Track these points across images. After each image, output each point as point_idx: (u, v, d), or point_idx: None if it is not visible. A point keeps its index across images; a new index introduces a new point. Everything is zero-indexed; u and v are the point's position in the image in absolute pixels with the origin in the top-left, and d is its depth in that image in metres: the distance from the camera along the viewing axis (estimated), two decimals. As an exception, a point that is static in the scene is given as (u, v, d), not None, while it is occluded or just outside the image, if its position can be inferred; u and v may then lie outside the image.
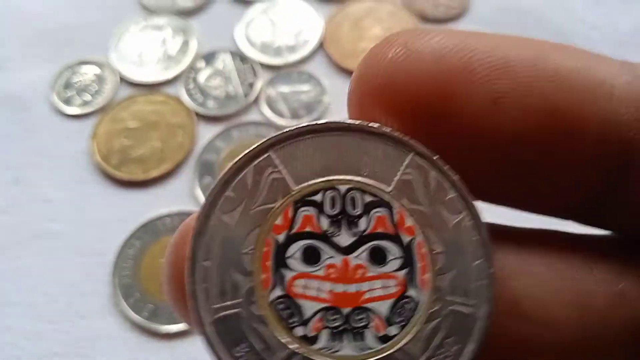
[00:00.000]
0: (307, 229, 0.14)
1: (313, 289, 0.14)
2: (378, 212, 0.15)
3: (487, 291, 0.14)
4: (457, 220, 0.14)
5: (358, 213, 0.15)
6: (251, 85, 0.46)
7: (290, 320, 0.14)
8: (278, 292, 0.14)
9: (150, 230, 0.40)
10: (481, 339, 0.14)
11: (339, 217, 0.14)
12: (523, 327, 0.15)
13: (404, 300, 0.14)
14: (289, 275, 0.14)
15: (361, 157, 0.15)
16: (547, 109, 0.15)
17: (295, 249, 0.14)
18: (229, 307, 0.14)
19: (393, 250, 0.14)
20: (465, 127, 0.15)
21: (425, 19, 0.49)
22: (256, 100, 0.45)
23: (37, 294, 0.38)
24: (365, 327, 0.14)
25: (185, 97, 0.46)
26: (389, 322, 0.14)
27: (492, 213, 0.16)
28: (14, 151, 0.44)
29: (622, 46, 0.47)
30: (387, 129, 0.15)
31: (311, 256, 0.14)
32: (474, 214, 0.14)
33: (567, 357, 0.15)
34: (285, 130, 0.15)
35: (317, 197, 0.15)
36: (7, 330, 0.37)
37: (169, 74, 0.47)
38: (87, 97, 0.46)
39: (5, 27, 0.51)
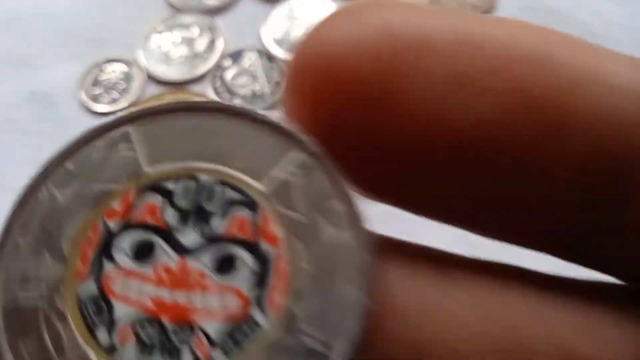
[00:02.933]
0: (147, 220, 0.12)
1: (134, 291, 0.11)
2: (240, 212, 0.12)
3: (353, 329, 0.11)
4: (337, 234, 0.12)
5: (215, 210, 0.12)
6: (278, 84, 0.46)
7: (96, 323, 0.11)
8: (91, 287, 0.12)
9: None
10: None
11: (190, 212, 0.12)
12: None
13: (243, 324, 0.11)
14: (110, 269, 0.12)
15: (237, 146, 0.12)
16: (521, 96, 0.11)
17: (127, 240, 0.12)
18: (28, 292, 0.12)
19: (246, 261, 0.12)
20: (415, 114, 0.11)
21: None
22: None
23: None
24: (184, 347, 0.11)
25: (212, 95, 0.46)
26: (216, 347, 0.11)
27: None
28: (43, 148, 0.44)
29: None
30: (276, 119, 0.12)
31: (143, 252, 0.12)
32: (361, 231, 0.12)
33: None
34: (154, 105, 0.12)
35: (170, 185, 0.12)
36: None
37: (196, 72, 0.47)
38: (115, 94, 0.46)
39: (32, 26, 0.51)
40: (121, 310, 0.11)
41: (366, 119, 0.12)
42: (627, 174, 0.12)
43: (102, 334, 0.11)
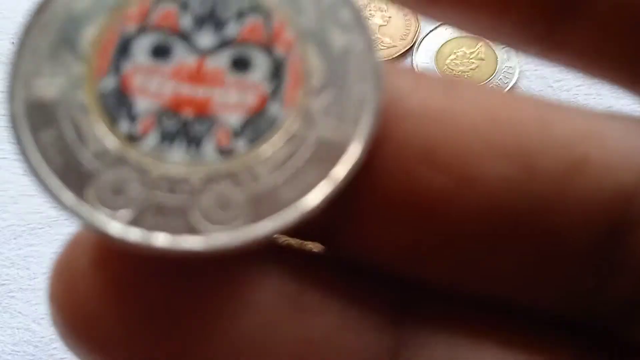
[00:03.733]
0: (163, 24, 0.12)
1: (154, 86, 0.12)
2: (254, 18, 0.12)
3: (368, 123, 0.12)
4: (347, 39, 0.12)
5: (229, 17, 0.12)
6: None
7: (118, 115, 0.12)
8: (111, 82, 0.12)
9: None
10: (347, 176, 0.11)
11: (205, 17, 0.12)
12: (436, 178, 0.12)
13: (261, 116, 0.12)
14: (128, 67, 0.12)
15: None
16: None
17: (145, 42, 0.12)
18: (48, 87, 0.12)
19: (261, 61, 0.12)
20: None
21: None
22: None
23: (48, 280, 0.39)
24: (205, 136, 0.12)
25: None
26: (236, 135, 0.12)
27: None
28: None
29: None
30: None
31: (161, 52, 0.12)
32: (369, 37, 0.12)
33: (495, 221, 0.12)
34: None
35: None
36: (19, 315, 0.38)
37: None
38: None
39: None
40: (142, 103, 0.12)
41: None
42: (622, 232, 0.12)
43: (123, 125, 0.12)
